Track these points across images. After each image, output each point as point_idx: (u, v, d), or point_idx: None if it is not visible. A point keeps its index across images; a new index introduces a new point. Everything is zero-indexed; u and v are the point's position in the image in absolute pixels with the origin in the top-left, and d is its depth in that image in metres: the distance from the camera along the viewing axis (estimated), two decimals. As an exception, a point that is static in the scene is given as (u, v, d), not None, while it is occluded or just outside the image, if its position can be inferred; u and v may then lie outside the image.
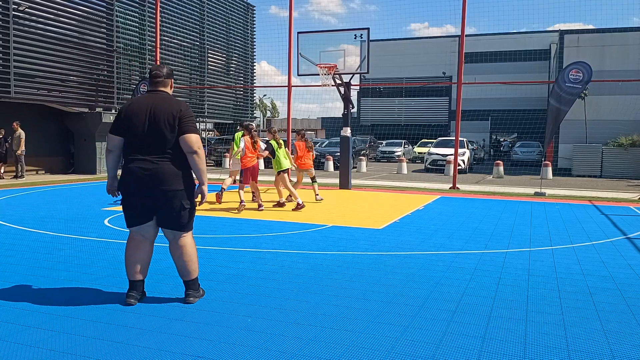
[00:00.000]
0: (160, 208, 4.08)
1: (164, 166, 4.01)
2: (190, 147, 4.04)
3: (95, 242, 6.61)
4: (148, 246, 4.22)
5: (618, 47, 23.52)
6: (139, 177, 3.99)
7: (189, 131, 4.05)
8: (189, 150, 4.04)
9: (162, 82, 4.25)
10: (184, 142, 4.03)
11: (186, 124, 4.05)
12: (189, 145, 4.04)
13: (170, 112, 4.03)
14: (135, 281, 4.17)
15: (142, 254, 4.18)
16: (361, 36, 14.25)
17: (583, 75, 12.95)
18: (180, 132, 4.03)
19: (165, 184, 4.00)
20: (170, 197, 4.04)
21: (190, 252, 4.21)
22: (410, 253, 6.26)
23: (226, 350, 3.30)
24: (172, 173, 4.03)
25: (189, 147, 4.04)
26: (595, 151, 22.00)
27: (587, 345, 3.48)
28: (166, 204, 4.06)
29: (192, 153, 4.05)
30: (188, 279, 4.23)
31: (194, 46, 24.53)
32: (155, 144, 4.01)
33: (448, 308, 4.20)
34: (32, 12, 16.54)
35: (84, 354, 3.21)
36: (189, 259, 4.20)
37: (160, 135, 4.00)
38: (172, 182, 4.02)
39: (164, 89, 4.25)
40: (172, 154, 4.04)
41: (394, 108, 41.36)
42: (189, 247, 4.21)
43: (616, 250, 6.70)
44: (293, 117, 17.86)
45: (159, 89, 4.23)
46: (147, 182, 3.98)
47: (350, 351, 3.31)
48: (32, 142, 16.91)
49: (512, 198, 12.79)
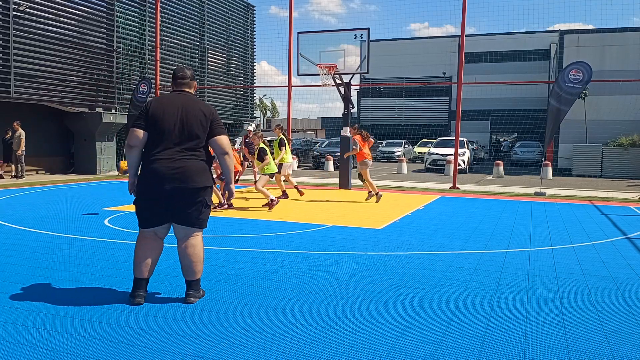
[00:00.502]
0: (181, 205, 4.09)
1: (192, 164, 4.08)
2: (223, 149, 4.19)
3: (95, 242, 6.61)
4: (160, 244, 4.27)
5: (618, 47, 23.52)
6: (164, 176, 3.99)
7: (221, 133, 4.21)
8: (222, 152, 4.20)
9: (188, 84, 4.34)
10: (216, 144, 4.18)
11: (218, 127, 4.20)
12: (221, 147, 4.19)
13: (203, 113, 4.14)
14: (142, 279, 4.17)
15: (153, 252, 4.20)
16: (361, 36, 14.26)
17: (583, 75, 12.95)
18: (212, 134, 4.17)
19: (193, 180, 4.06)
20: (195, 193, 4.09)
21: (199, 252, 4.23)
22: (410, 253, 6.26)
23: (226, 350, 3.30)
24: (199, 170, 4.11)
25: (221, 149, 4.19)
26: (595, 151, 22.00)
27: (587, 345, 3.48)
28: (189, 200, 4.09)
29: (224, 154, 4.20)
30: (192, 279, 4.23)
31: (194, 46, 24.53)
32: (186, 143, 4.07)
33: (448, 308, 4.20)
34: (32, 12, 16.54)
35: (84, 354, 3.21)
36: (197, 259, 4.21)
37: (193, 134, 4.08)
38: (199, 179, 4.09)
39: (189, 90, 4.35)
40: (198, 153, 4.14)
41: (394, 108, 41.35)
42: (198, 248, 4.22)
43: (616, 250, 6.70)
44: (293, 117, 17.87)
45: (184, 90, 4.32)
46: (174, 180, 4.00)
47: (350, 351, 3.31)
48: (32, 142, 16.91)
49: (512, 198, 12.79)
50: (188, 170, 4.04)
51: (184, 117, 4.08)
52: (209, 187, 4.19)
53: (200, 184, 4.10)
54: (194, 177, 4.06)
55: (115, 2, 19.36)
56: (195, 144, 4.11)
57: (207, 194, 4.20)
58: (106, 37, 19.33)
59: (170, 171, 4.00)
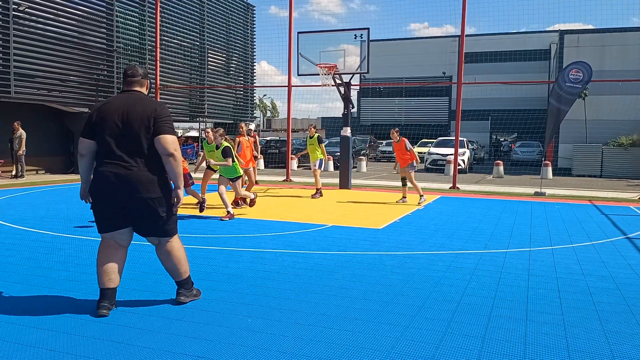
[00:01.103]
0: (138, 216, 3.86)
1: (138, 172, 3.76)
2: (166, 149, 3.77)
3: (95, 242, 6.60)
4: (122, 253, 4.01)
5: (618, 47, 23.53)
6: (111, 182, 3.74)
7: (165, 132, 3.78)
8: (165, 152, 3.77)
9: (139, 82, 4.01)
10: (159, 144, 3.77)
11: (162, 124, 3.78)
12: (164, 146, 3.77)
13: (145, 112, 3.78)
14: (107, 289, 3.89)
15: (116, 261, 3.94)
16: (361, 36, 14.26)
17: (583, 75, 12.95)
18: (155, 132, 3.76)
19: (141, 191, 3.75)
20: (147, 205, 3.80)
21: (178, 255, 4.05)
22: (410, 253, 6.26)
23: (226, 350, 3.30)
24: (146, 179, 3.78)
25: (164, 149, 3.77)
26: (595, 151, 22.00)
27: (587, 345, 3.48)
28: (144, 213, 3.83)
29: (168, 155, 3.77)
30: (180, 279, 4.13)
31: (194, 46, 24.53)
32: (129, 147, 3.76)
33: (448, 308, 4.20)
34: (32, 12, 16.53)
35: (84, 354, 3.21)
36: (178, 261, 4.05)
37: (134, 137, 3.75)
38: (147, 189, 3.78)
39: (139, 89, 4.00)
40: (147, 157, 3.80)
41: (394, 108, 41.34)
42: (175, 251, 4.04)
43: (616, 250, 6.70)
44: (293, 117, 17.87)
45: (134, 89, 3.98)
46: (120, 188, 3.74)
47: (351, 351, 3.31)
48: (32, 142, 16.90)
49: (512, 198, 12.79)
50: (132, 181, 3.74)
51: (124, 119, 3.75)
52: (158, 198, 3.82)
53: (148, 194, 3.78)
54: (140, 188, 3.75)
55: (115, 2, 19.36)
56: (140, 148, 3.76)
57: (161, 204, 3.85)
58: (106, 37, 19.33)
59: (115, 179, 3.74)
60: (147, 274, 5.04)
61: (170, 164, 3.79)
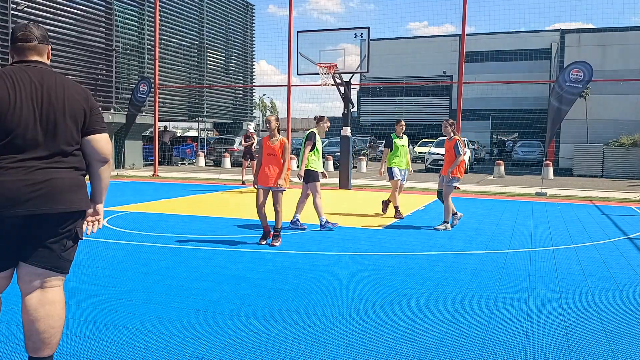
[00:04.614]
0: (37, 236, 2.63)
1: (63, 177, 2.61)
2: (103, 155, 2.73)
3: (94, 242, 6.58)
4: None
5: (619, 47, 23.51)
6: (17, 195, 2.48)
7: (102, 130, 2.75)
8: (101, 159, 2.74)
9: (37, 49, 2.69)
10: (92, 147, 2.71)
11: (98, 119, 2.75)
12: (100, 152, 2.72)
13: (76, 98, 2.67)
14: None
15: None
16: (361, 35, 14.24)
17: (584, 74, 12.94)
18: (89, 130, 2.70)
19: (61, 201, 2.59)
20: (63, 220, 2.64)
21: (60, 313, 2.72)
22: (410, 253, 6.24)
23: (226, 351, 3.27)
24: (73, 186, 2.65)
25: (100, 155, 2.73)
26: (597, 151, 21.97)
27: (589, 346, 3.46)
28: (52, 231, 2.64)
29: (104, 162, 2.75)
30: (44, 355, 2.67)
31: (193, 45, 24.52)
32: (52, 144, 2.59)
33: (449, 309, 4.17)
34: (32, 12, 16.52)
35: (83, 355, 3.19)
36: (57, 324, 2.69)
37: (63, 130, 2.61)
38: (72, 199, 2.64)
39: (41, 59, 2.71)
40: (73, 158, 2.67)
41: (394, 107, 41.30)
42: (58, 306, 2.71)
43: (617, 250, 6.67)
44: (293, 116, 17.84)
45: (33, 59, 2.67)
46: (30, 202, 2.51)
47: (351, 352, 3.29)
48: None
49: (513, 198, 12.77)
50: (54, 189, 2.57)
51: (45, 104, 2.58)
52: (82, 212, 2.74)
53: (73, 206, 2.64)
54: (64, 196, 2.60)
55: (114, 2, 19.35)
56: (66, 144, 2.63)
57: (80, 221, 2.75)
58: (105, 36, 19.32)
59: (26, 188, 2.50)
60: (147, 275, 5.02)
61: (106, 173, 2.80)
